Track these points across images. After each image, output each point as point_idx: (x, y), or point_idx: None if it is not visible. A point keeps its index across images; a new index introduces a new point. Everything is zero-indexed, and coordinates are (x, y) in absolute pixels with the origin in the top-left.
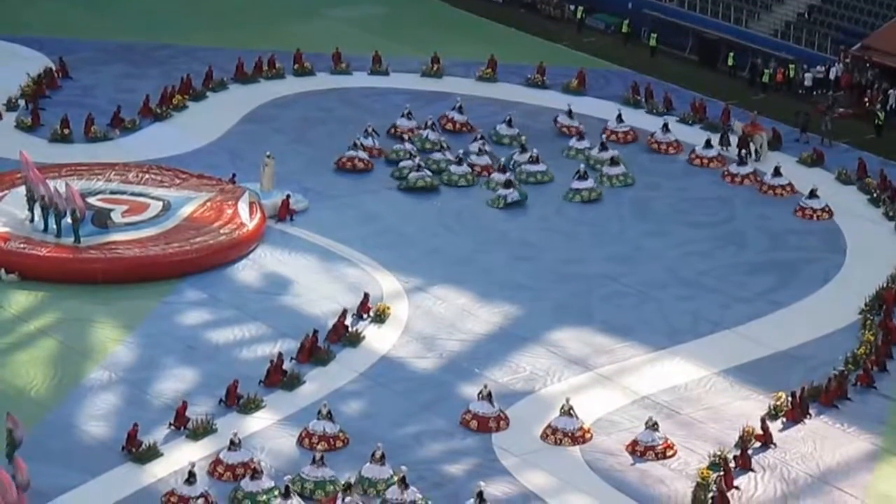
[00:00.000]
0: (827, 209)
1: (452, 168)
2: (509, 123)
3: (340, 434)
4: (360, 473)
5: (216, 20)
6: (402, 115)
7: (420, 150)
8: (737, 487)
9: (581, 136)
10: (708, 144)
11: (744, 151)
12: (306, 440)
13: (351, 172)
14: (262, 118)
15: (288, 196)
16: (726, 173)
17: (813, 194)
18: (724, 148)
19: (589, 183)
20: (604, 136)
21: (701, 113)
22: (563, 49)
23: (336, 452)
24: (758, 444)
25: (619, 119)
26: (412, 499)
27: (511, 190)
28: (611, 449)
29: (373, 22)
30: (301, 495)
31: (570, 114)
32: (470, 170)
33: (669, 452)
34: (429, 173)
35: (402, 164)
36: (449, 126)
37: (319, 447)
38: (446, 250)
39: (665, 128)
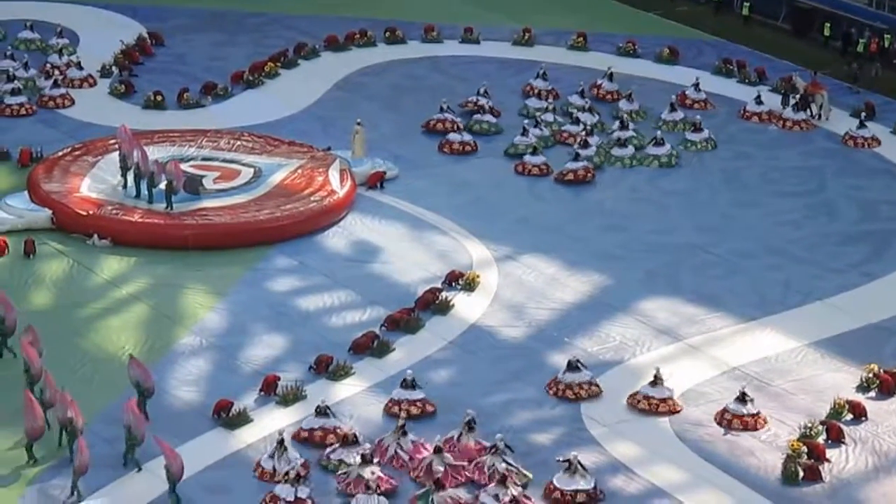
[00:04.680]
0: (875, 139)
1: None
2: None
3: (419, 403)
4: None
5: None
6: (538, 76)
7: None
8: (828, 460)
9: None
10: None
11: (808, 110)
12: (393, 408)
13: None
14: (353, 86)
15: (384, 172)
16: (745, 112)
17: (862, 124)
18: (785, 108)
19: (666, 148)
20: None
21: (788, 83)
22: (655, 18)
23: (423, 421)
24: (850, 417)
25: (759, 101)
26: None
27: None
28: (700, 420)
29: None
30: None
31: (610, 77)
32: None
33: (760, 424)
34: (529, 140)
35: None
36: (594, 92)
37: (403, 415)
38: (536, 219)
39: (758, 99)
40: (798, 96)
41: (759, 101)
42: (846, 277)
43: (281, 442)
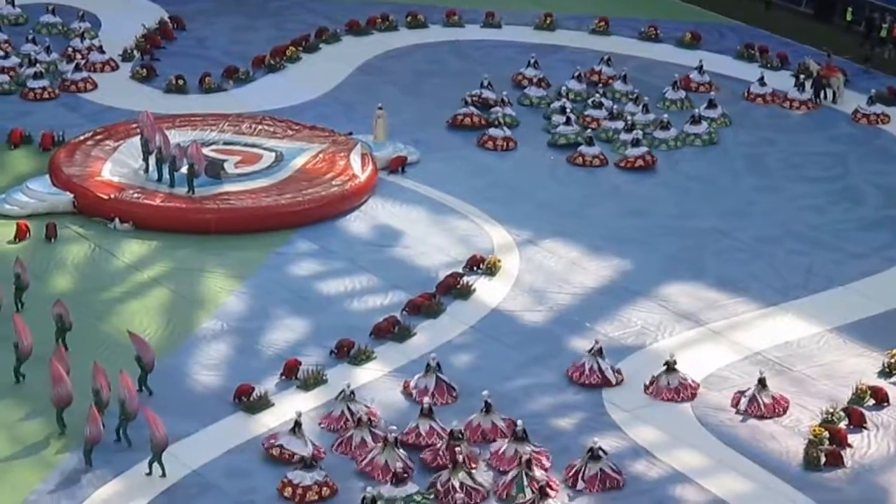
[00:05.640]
0: (885, 115)
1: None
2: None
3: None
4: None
5: None
6: (529, 65)
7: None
8: (850, 445)
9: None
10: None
11: (821, 93)
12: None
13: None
14: (374, 70)
15: (405, 157)
16: (749, 94)
17: (871, 101)
18: (802, 90)
19: (703, 127)
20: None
21: (828, 70)
22: (676, 2)
23: (444, 406)
24: (871, 402)
25: (762, 82)
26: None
27: None
28: (721, 405)
29: None
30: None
31: (608, 62)
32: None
33: (780, 409)
34: (575, 129)
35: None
36: (595, 78)
37: (426, 400)
38: (557, 204)
39: (761, 80)
40: (812, 80)
41: (762, 82)
42: (869, 263)
43: (298, 424)
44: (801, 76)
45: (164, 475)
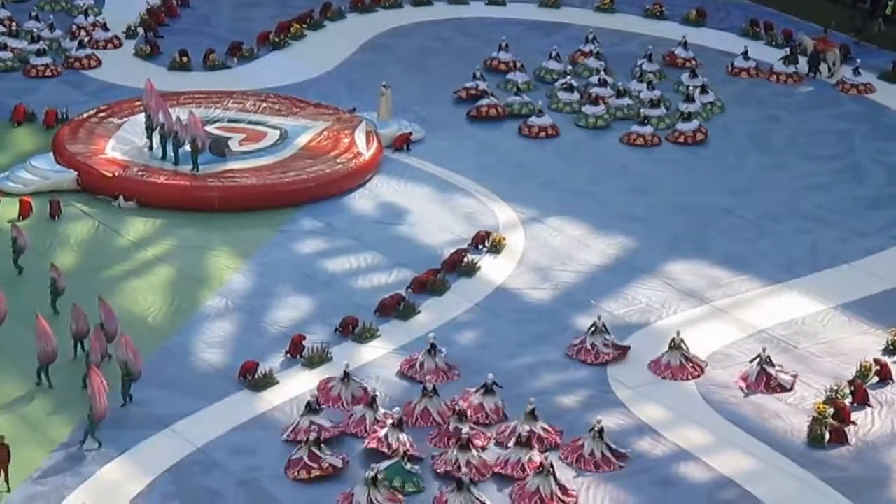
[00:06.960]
0: (869, 86)
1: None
2: (557, 58)
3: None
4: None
5: None
6: (500, 48)
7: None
8: (854, 422)
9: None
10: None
11: (816, 68)
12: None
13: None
14: (379, 48)
15: (410, 134)
16: (733, 68)
17: (856, 72)
18: (788, 64)
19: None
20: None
21: (825, 45)
22: None
23: (449, 384)
24: (875, 380)
25: (746, 56)
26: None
27: None
28: (726, 382)
29: None
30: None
31: (593, 40)
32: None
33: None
34: (602, 108)
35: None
36: (583, 59)
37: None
38: (562, 181)
39: (745, 54)
40: (808, 55)
41: (746, 56)
42: (873, 240)
43: (309, 405)
44: (796, 51)
45: (99, 447)
